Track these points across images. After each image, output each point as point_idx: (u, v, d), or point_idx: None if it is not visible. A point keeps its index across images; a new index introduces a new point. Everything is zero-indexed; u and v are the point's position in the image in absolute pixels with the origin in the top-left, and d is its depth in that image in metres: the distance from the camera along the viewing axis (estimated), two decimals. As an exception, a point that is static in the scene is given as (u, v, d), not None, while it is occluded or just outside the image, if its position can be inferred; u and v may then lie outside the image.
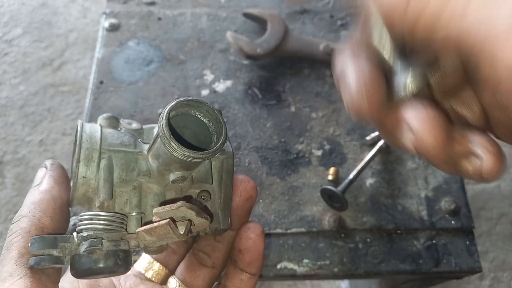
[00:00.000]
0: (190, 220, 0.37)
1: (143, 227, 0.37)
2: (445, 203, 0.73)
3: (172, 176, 0.40)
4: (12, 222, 0.38)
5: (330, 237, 0.71)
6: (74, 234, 0.37)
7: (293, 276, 0.69)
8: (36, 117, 1.92)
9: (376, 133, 0.78)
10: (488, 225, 1.71)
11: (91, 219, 0.38)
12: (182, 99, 0.37)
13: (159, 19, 0.92)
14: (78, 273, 0.38)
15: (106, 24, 0.91)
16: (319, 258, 0.70)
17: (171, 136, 0.35)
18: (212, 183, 0.43)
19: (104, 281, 0.46)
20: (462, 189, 0.75)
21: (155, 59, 0.88)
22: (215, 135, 0.39)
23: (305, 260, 0.70)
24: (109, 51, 0.88)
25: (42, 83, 1.99)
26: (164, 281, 0.49)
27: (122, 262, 0.38)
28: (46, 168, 0.42)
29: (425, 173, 0.76)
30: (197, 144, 0.39)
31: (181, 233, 0.37)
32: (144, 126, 0.44)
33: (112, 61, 0.87)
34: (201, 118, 0.39)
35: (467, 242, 0.72)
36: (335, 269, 0.69)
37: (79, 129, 0.39)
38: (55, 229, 0.38)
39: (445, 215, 0.73)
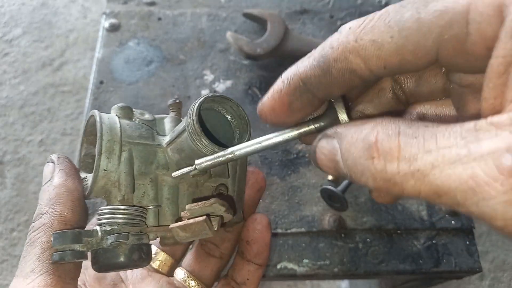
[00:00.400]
0: (221, 216, 0.38)
1: (178, 224, 0.38)
2: (445, 203, 0.73)
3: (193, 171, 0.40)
4: (33, 220, 0.38)
5: (330, 237, 0.71)
6: (98, 228, 0.37)
7: (293, 276, 0.69)
8: (36, 117, 1.92)
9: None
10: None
11: (112, 213, 0.38)
12: (209, 95, 0.37)
13: (159, 19, 0.92)
14: (102, 267, 0.38)
15: (106, 24, 0.91)
16: (319, 258, 0.70)
17: (203, 133, 0.36)
18: (228, 177, 0.44)
19: (111, 274, 0.46)
20: (462, 189, 0.75)
21: (155, 59, 0.88)
22: (238, 131, 0.40)
23: (305, 260, 0.70)
24: (109, 51, 0.88)
25: (42, 83, 1.99)
26: (170, 271, 0.49)
27: (145, 255, 0.39)
28: (53, 162, 0.41)
29: (425, 173, 0.76)
30: (217, 138, 0.40)
31: (215, 229, 0.38)
32: (156, 116, 0.44)
33: (112, 61, 0.87)
34: (224, 113, 0.40)
35: (467, 242, 0.72)
36: (335, 269, 0.69)
37: (97, 119, 0.38)
38: (77, 221, 0.38)
39: (445, 215, 0.73)
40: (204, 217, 0.37)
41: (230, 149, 0.35)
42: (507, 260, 1.66)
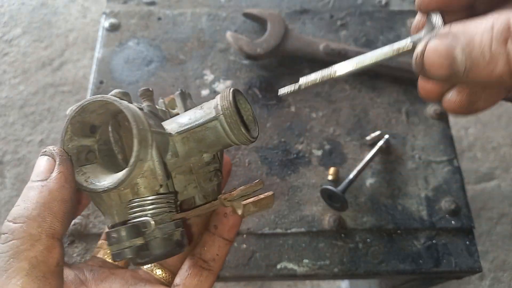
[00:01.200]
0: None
1: (250, 200, 0.40)
2: (445, 203, 0.73)
3: (206, 158, 0.42)
4: (13, 220, 0.34)
5: (330, 237, 0.71)
6: (148, 218, 0.37)
7: (293, 276, 0.69)
8: (36, 117, 1.92)
9: (376, 133, 0.78)
10: (488, 225, 1.71)
11: (157, 203, 0.38)
12: (234, 88, 0.41)
13: (159, 19, 0.92)
14: (157, 258, 0.38)
15: (106, 24, 0.91)
16: (319, 258, 0.70)
17: (243, 124, 0.38)
18: (220, 163, 0.45)
19: (70, 277, 0.43)
20: (462, 189, 0.75)
21: (155, 59, 0.88)
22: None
23: (305, 260, 0.70)
24: (109, 51, 0.88)
25: (42, 83, 1.99)
26: (128, 263, 0.48)
27: (187, 240, 0.41)
28: (53, 158, 0.37)
29: (425, 173, 0.76)
30: None
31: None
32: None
33: (112, 61, 0.87)
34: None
35: (467, 242, 0.72)
36: (335, 269, 0.69)
37: (124, 106, 0.37)
38: (63, 234, 0.36)
39: (445, 215, 0.73)
40: (272, 192, 0.41)
41: (334, 67, 0.37)
42: (507, 260, 1.66)
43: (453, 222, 0.72)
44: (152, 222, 0.37)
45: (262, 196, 0.40)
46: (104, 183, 0.38)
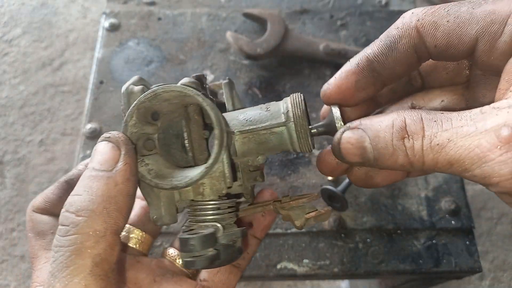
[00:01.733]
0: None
1: (313, 213, 0.41)
2: (445, 203, 0.73)
3: (261, 159, 0.41)
4: (77, 213, 0.32)
5: (330, 237, 0.71)
6: (218, 225, 0.36)
7: (293, 276, 0.69)
8: (36, 117, 1.92)
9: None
10: (488, 225, 1.71)
11: (224, 208, 0.37)
12: (303, 95, 0.41)
13: (159, 19, 0.92)
14: (223, 263, 0.37)
15: (106, 24, 0.91)
16: (319, 258, 0.70)
17: (311, 135, 0.38)
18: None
19: None
20: (462, 189, 0.75)
21: (155, 59, 0.88)
22: None
23: (305, 260, 0.70)
24: (109, 51, 0.88)
25: (42, 83, 1.99)
26: (149, 249, 0.47)
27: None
28: (118, 147, 0.35)
29: (425, 173, 0.77)
30: None
31: None
32: None
33: (112, 61, 0.87)
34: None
35: (467, 242, 0.72)
36: (335, 269, 0.69)
37: (208, 103, 0.35)
38: (122, 229, 0.35)
39: (445, 215, 0.73)
40: (330, 208, 0.42)
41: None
42: (507, 260, 1.66)
43: (453, 222, 0.72)
44: (221, 228, 0.36)
45: (323, 211, 0.41)
46: (173, 180, 0.36)
